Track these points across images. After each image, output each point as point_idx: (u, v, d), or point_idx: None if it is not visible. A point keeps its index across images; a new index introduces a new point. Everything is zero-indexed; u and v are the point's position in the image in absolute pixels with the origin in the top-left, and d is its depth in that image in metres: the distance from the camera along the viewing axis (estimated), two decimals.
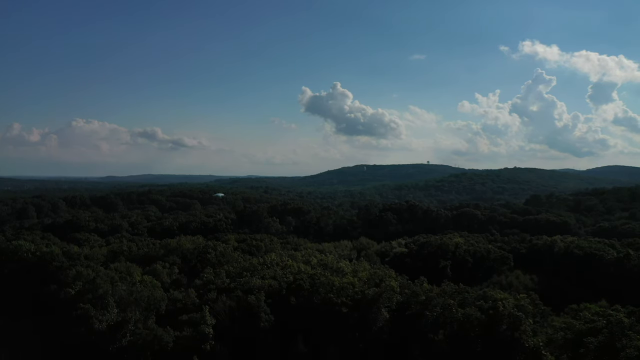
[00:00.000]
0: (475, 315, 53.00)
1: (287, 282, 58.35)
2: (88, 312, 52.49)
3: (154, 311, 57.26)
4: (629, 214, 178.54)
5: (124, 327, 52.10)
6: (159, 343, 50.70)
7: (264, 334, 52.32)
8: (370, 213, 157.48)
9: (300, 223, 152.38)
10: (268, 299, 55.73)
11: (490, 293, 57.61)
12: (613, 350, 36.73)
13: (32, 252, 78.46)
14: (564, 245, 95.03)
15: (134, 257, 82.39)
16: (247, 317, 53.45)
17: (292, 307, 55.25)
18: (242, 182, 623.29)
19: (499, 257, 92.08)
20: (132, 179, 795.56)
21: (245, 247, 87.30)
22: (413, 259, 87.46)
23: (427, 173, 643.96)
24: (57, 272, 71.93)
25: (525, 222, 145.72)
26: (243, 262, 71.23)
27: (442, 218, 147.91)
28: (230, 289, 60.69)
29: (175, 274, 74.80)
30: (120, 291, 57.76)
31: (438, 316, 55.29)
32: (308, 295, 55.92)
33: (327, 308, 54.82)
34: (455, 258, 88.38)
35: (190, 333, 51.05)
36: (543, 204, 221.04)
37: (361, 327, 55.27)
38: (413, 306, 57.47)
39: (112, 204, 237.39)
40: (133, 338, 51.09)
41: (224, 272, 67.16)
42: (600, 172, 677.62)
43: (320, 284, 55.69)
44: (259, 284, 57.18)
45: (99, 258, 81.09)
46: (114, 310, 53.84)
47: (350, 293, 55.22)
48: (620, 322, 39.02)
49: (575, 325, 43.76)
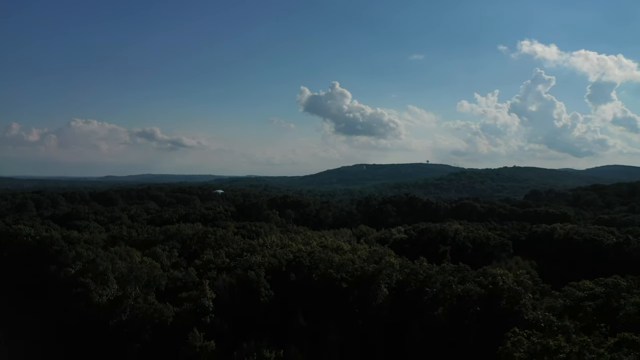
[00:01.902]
0: (475, 290, 53.03)
1: (287, 259, 58.38)
2: (88, 286, 52.55)
3: (153, 288, 57.36)
4: (628, 207, 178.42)
5: (123, 302, 52.15)
6: (159, 317, 50.75)
7: (264, 309, 52.34)
8: (370, 206, 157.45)
9: (299, 215, 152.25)
10: (268, 275, 55.78)
11: (490, 270, 57.66)
12: (611, 311, 36.75)
13: (31, 236, 78.42)
14: (564, 232, 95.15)
15: (134, 242, 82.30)
16: (247, 293, 53.47)
17: (292, 283, 55.29)
18: (241, 181, 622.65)
19: (499, 244, 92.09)
20: (132, 178, 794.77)
21: (244, 232, 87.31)
22: (413, 245, 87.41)
23: (427, 172, 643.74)
24: (57, 255, 71.99)
25: (525, 215, 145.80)
26: (242, 243, 71.22)
27: (441, 210, 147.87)
28: (230, 267, 60.75)
29: (175, 257, 74.74)
30: (120, 268, 57.87)
31: (438, 292, 55.30)
32: (308, 272, 55.95)
33: (326, 284, 54.85)
34: (455, 244, 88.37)
35: (190, 307, 51.10)
36: (542, 199, 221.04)
37: (361, 304, 55.27)
38: (413, 284, 57.47)
39: (112, 199, 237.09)
40: (133, 312, 51.09)
41: (223, 252, 67.23)
42: (599, 171, 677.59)
43: (320, 260, 55.73)
44: (259, 260, 57.19)
45: (99, 242, 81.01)
46: (114, 286, 53.93)
47: (350, 269, 55.25)
48: (617, 284, 39.07)
49: (574, 293, 43.81)
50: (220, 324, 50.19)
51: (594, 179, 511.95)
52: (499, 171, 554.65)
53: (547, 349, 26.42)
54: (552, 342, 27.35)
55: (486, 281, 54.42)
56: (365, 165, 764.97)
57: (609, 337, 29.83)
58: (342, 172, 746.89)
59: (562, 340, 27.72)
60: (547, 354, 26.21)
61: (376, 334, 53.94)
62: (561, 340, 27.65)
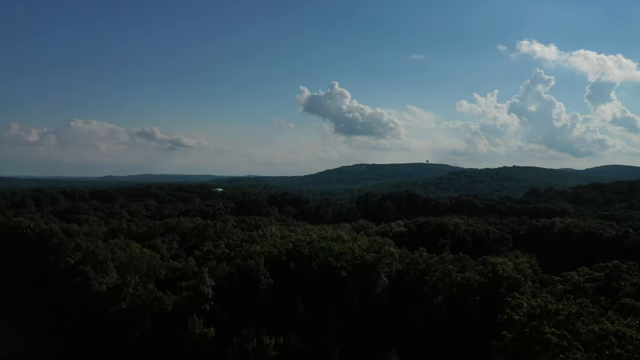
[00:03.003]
0: (475, 279, 53.12)
1: (287, 248, 58.36)
2: (88, 274, 52.52)
3: (153, 277, 57.34)
4: (628, 204, 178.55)
5: (123, 290, 52.14)
6: (159, 305, 50.73)
7: (264, 297, 52.32)
8: (369, 202, 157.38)
9: (299, 212, 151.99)
10: (267, 264, 55.79)
11: (490, 259, 57.72)
12: (611, 291, 36.75)
13: (31, 228, 78.31)
14: (563, 226, 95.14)
15: (133, 235, 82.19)
16: (246, 281, 53.45)
17: (291, 272, 55.25)
18: (241, 181, 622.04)
19: (498, 238, 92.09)
20: (131, 178, 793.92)
21: (244, 225, 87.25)
22: (412, 238, 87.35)
23: (426, 172, 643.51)
24: (57, 247, 71.93)
25: (524, 211, 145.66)
26: (242, 235, 71.20)
27: (441, 206, 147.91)
28: (230, 257, 60.74)
29: (175, 249, 74.72)
30: (119, 258, 57.85)
31: (437, 281, 55.35)
32: (307, 261, 55.92)
33: (326, 272, 54.83)
34: (455, 237, 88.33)
35: (190, 295, 51.08)
36: (542, 196, 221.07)
37: (360, 292, 55.27)
38: (412, 273, 57.50)
39: (111, 197, 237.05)
40: (133, 300, 51.06)
41: (223, 243, 67.20)
42: (599, 171, 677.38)
43: (320, 249, 55.71)
44: (258, 250, 57.19)
45: (98, 235, 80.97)
46: (113, 275, 53.91)
47: (350, 258, 55.23)
48: (617, 266, 39.07)
49: (574, 277, 43.85)
50: (220, 311, 50.19)
51: (594, 179, 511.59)
52: (499, 171, 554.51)
53: (547, 312, 26.50)
54: (552, 305, 27.42)
55: (486, 270, 54.50)
56: (364, 165, 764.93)
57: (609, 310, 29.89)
58: (341, 172, 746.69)
59: (560, 304, 27.82)
60: (547, 316, 26.30)
61: (376, 323, 53.95)
62: (560, 304, 27.76)
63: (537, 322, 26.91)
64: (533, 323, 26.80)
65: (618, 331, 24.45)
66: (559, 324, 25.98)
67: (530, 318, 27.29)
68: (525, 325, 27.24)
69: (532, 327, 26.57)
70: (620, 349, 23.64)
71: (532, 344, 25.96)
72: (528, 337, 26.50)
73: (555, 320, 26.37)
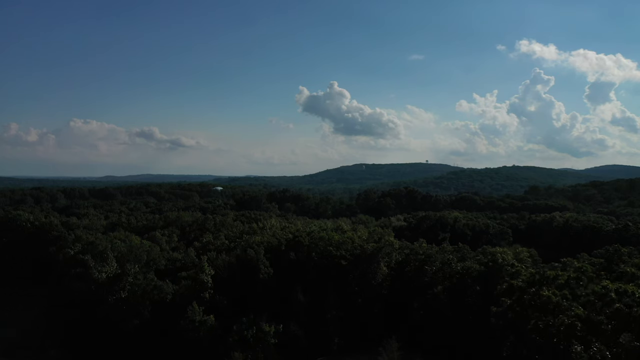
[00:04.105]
0: (475, 268, 53.07)
1: (287, 239, 58.30)
2: (87, 262, 52.42)
3: (153, 267, 57.23)
4: (627, 201, 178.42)
5: (123, 279, 51.97)
6: (159, 294, 50.66)
7: (263, 285, 52.28)
8: (369, 199, 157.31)
9: (299, 209, 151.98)
10: (267, 254, 55.72)
11: (489, 249, 57.73)
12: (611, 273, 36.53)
13: (30, 221, 78.37)
14: (563, 220, 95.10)
15: (133, 228, 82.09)
16: (246, 270, 53.41)
17: (291, 261, 55.20)
18: (240, 181, 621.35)
19: (498, 232, 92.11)
20: (131, 178, 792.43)
21: (244, 219, 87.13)
22: (412, 232, 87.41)
23: (426, 172, 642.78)
24: (56, 239, 71.91)
25: (524, 207, 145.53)
26: (242, 227, 71.11)
27: (441, 203, 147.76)
28: (229, 248, 60.67)
29: (175, 242, 74.56)
30: (119, 248, 57.83)
31: (437, 270, 55.35)
32: (307, 251, 55.88)
33: (326, 262, 54.82)
34: (454, 231, 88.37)
35: (189, 284, 51.03)
36: (542, 194, 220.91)
37: (360, 282, 55.24)
38: (412, 263, 57.49)
39: (111, 195, 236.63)
40: (132, 288, 50.96)
41: (222, 235, 67.13)
42: (598, 171, 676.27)
43: (320, 239, 55.66)
44: (258, 240, 57.12)
45: (98, 228, 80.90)
46: (113, 264, 53.77)
47: (350, 248, 55.18)
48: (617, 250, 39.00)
49: (573, 263, 43.70)
50: (220, 299, 50.14)
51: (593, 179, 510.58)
52: (498, 170, 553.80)
53: (546, 278, 26.40)
54: (550, 272, 27.35)
55: (485, 259, 54.47)
56: (364, 165, 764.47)
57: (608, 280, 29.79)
58: (341, 171, 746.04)
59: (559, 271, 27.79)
60: (546, 282, 26.21)
61: (376, 312, 53.93)
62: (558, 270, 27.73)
63: (536, 288, 26.85)
64: (532, 289, 26.73)
65: (619, 287, 24.42)
66: (558, 288, 25.90)
67: (530, 284, 27.21)
68: (525, 291, 27.19)
69: (531, 292, 26.53)
70: (620, 304, 23.57)
71: (531, 308, 25.90)
72: (527, 302, 26.45)
73: (555, 285, 26.27)
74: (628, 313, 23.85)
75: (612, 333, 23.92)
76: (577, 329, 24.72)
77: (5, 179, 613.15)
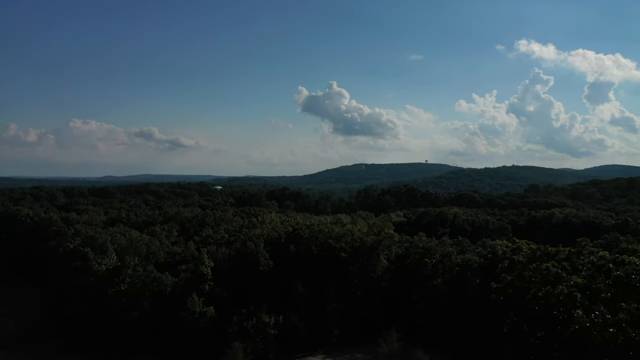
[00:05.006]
0: (475, 260, 53.09)
1: (286, 231, 58.30)
2: (87, 255, 52.40)
3: (152, 260, 57.20)
4: (627, 199, 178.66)
5: (122, 271, 51.96)
6: (158, 285, 50.62)
7: (263, 278, 52.27)
8: (368, 196, 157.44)
9: (298, 206, 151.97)
10: (267, 247, 55.73)
11: (489, 242, 57.77)
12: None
13: (30, 217, 78.27)
14: (562, 216, 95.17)
15: (133, 224, 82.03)
16: (246, 263, 53.39)
17: (291, 254, 55.21)
18: (240, 181, 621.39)
19: (498, 228, 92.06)
20: (130, 178, 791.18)
21: (243, 214, 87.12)
22: (411, 227, 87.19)
23: (425, 172, 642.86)
24: (56, 234, 71.81)
25: (524, 204, 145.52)
26: (242, 221, 71.11)
27: (440, 200, 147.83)
28: (229, 242, 60.66)
29: (174, 236, 74.47)
30: (119, 241, 57.77)
31: (437, 263, 55.35)
32: (307, 244, 55.86)
33: (326, 254, 54.83)
34: (454, 226, 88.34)
35: (189, 276, 51.00)
36: (541, 193, 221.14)
37: (360, 275, 55.24)
38: (412, 256, 57.51)
39: (110, 194, 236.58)
40: (132, 280, 50.94)
41: (222, 229, 67.11)
42: (597, 171, 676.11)
43: (320, 232, 55.68)
44: (258, 232, 57.11)
45: (98, 224, 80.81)
46: (112, 256, 53.76)
47: (350, 240, 55.20)
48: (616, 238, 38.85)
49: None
50: (220, 291, 50.13)
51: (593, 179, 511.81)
52: (498, 170, 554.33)
53: (547, 254, 26.42)
54: (551, 248, 27.40)
55: (485, 251, 54.50)
56: (364, 165, 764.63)
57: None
58: (340, 171, 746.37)
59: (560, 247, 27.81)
60: (547, 257, 26.23)
61: (376, 304, 53.93)
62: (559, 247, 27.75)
63: (537, 264, 26.90)
64: (533, 264, 26.77)
65: (616, 257, 24.49)
66: (559, 262, 25.96)
67: (531, 260, 27.24)
68: (525, 267, 27.24)
69: (532, 268, 26.57)
70: (619, 271, 23.60)
71: (532, 282, 25.91)
72: (528, 278, 26.46)
73: (556, 259, 26.31)
74: (627, 281, 23.90)
75: (612, 300, 23.97)
76: (577, 298, 24.74)
77: (5, 179, 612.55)
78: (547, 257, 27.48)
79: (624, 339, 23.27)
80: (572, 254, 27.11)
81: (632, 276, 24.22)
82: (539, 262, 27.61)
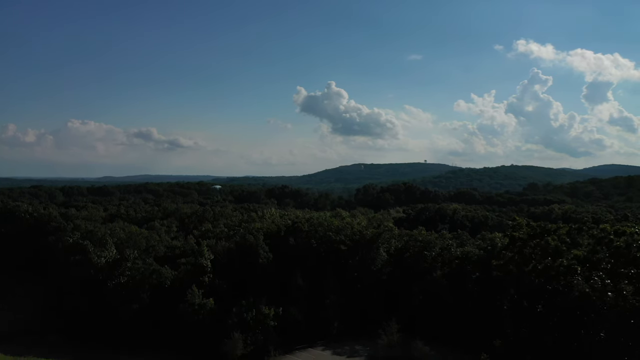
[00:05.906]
0: (474, 252, 53.19)
1: (286, 225, 58.33)
2: (87, 248, 52.39)
3: (152, 254, 57.17)
4: (626, 197, 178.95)
5: (122, 264, 51.97)
6: (158, 278, 50.63)
7: (263, 270, 52.30)
8: (368, 194, 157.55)
9: (298, 204, 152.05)
10: (267, 240, 55.76)
11: (488, 235, 57.85)
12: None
13: (29, 212, 78.17)
14: (562, 211, 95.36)
15: (132, 220, 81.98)
16: (245, 255, 53.41)
17: (291, 247, 55.24)
18: (239, 181, 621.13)
19: (497, 224, 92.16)
20: (129, 179, 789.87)
21: (243, 210, 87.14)
22: (411, 223, 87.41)
23: (424, 172, 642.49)
24: (55, 230, 71.74)
25: (523, 202, 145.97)
26: (241, 216, 71.13)
27: (439, 198, 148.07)
28: (229, 236, 60.65)
29: (174, 232, 74.51)
30: (118, 234, 57.76)
31: (437, 255, 55.43)
32: (307, 237, 55.90)
33: (325, 247, 54.87)
34: (454, 222, 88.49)
35: (188, 268, 51.02)
36: (540, 191, 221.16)
37: (360, 268, 55.31)
38: (412, 249, 57.57)
39: (109, 193, 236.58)
40: (132, 273, 50.94)
41: (222, 224, 67.13)
42: (596, 171, 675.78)
43: (319, 225, 55.71)
44: (257, 226, 57.14)
45: (97, 219, 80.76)
46: (112, 249, 53.74)
47: (349, 233, 55.25)
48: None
49: None
50: (219, 284, 50.17)
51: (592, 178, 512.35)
52: (497, 170, 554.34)
53: (547, 230, 26.51)
54: (552, 225, 27.47)
55: (485, 244, 54.60)
56: (363, 165, 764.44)
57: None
58: (340, 171, 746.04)
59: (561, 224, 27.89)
60: (548, 234, 26.30)
61: (375, 297, 53.97)
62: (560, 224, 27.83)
63: (537, 241, 26.96)
64: (534, 241, 26.83)
65: (618, 229, 24.56)
66: (559, 237, 26.04)
67: (531, 236, 27.31)
68: (525, 243, 27.30)
69: (533, 244, 26.63)
70: (619, 242, 23.66)
71: (532, 258, 25.94)
72: (528, 255, 26.51)
73: (556, 234, 26.39)
74: (627, 251, 23.95)
75: (612, 270, 24.01)
76: (577, 271, 24.80)
77: (3, 180, 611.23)
78: (548, 234, 27.58)
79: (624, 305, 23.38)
80: (573, 230, 27.24)
81: (634, 245, 24.29)
82: (540, 239, 27.71)
